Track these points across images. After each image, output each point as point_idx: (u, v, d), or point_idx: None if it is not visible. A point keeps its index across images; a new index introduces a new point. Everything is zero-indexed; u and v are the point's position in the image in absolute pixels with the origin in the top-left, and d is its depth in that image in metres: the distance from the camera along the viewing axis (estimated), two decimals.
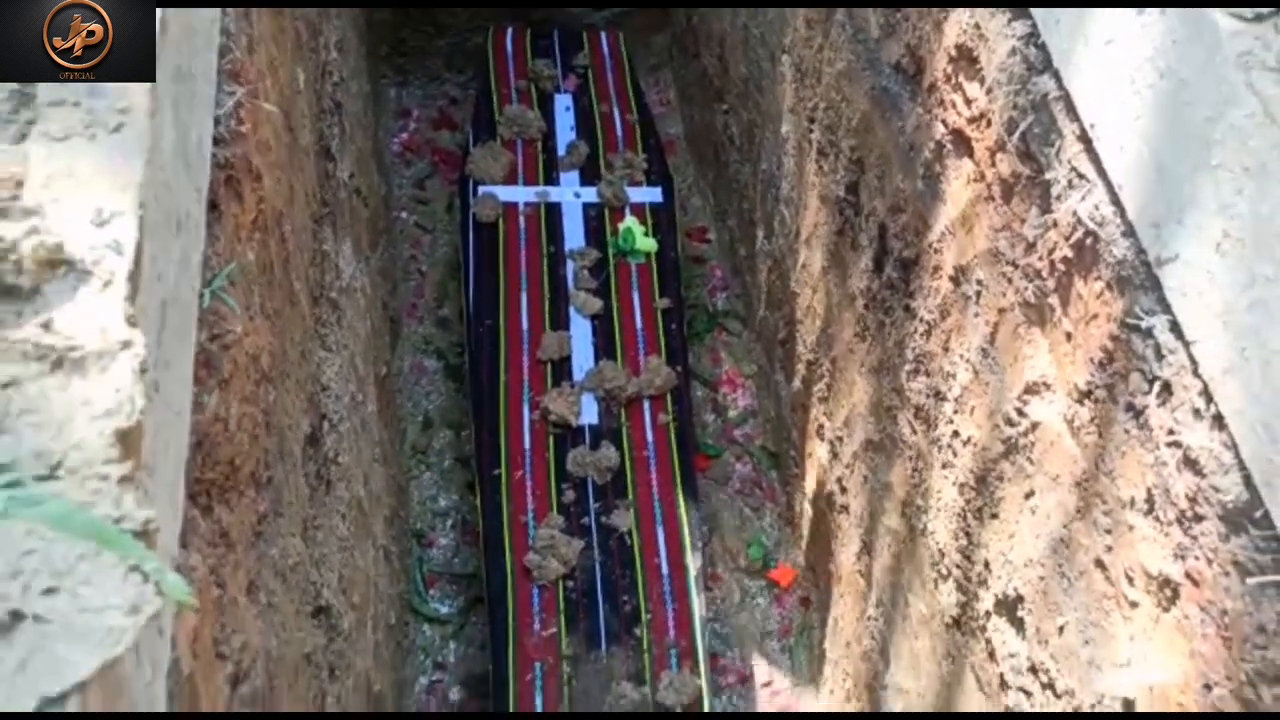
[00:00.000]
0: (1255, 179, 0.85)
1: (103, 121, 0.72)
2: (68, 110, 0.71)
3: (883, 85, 1.71)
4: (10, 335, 0.61)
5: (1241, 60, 0.86)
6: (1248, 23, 0.87)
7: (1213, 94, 0.89)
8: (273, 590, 1.11)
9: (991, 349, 1.42)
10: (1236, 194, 0.87)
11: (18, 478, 0.57)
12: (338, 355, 1.71)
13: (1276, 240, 0.83)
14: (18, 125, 0.71)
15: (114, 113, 0.72)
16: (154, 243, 0.72)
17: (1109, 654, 1.18)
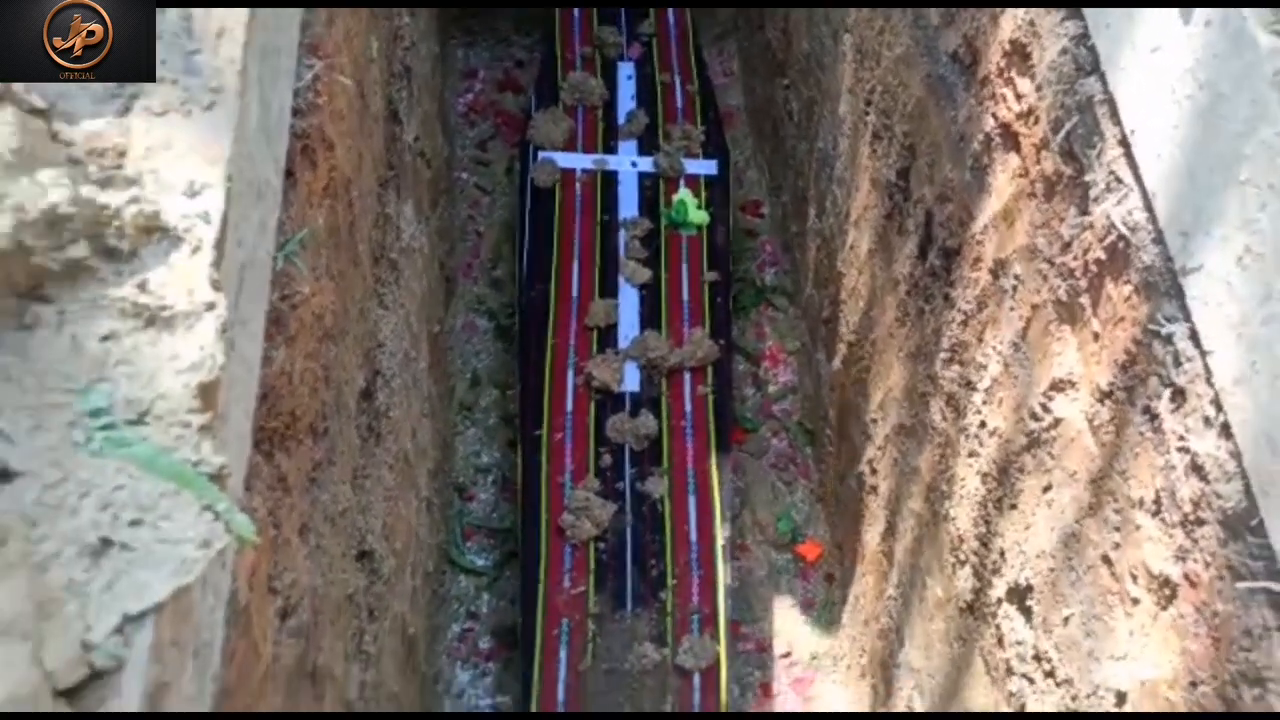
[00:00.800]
0: (1275, 200, 0.88)
1: (197, 99, 0.79)
2: (167, 87, 0.79)
3: (939, 73, 1.73)
4: (111, 293, 0.69)
5: (1277, 79, 0.88)
6: None
7: (1247, 109, 0.92)
8: (322, 533, 1.19)
9: (1023, 343, 1.45)
10: (1260, 210, 0.90)
11: (112, 421, 0.65)
12: (394, 313, 1.79)
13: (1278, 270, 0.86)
14: (123, 99, 0.79)
15: (207, 91, 0.79)
16: (237, 212, 0.79)
17: (1108, 647, 1.22)
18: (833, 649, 2.73)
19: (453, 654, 2.60)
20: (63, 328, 0.67)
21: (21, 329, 0.67)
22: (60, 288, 0.68)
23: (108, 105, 0.78)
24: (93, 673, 0.56)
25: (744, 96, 3.69)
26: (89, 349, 0.67)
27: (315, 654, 1.11)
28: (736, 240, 3.30)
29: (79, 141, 0.76)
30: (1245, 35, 0.91)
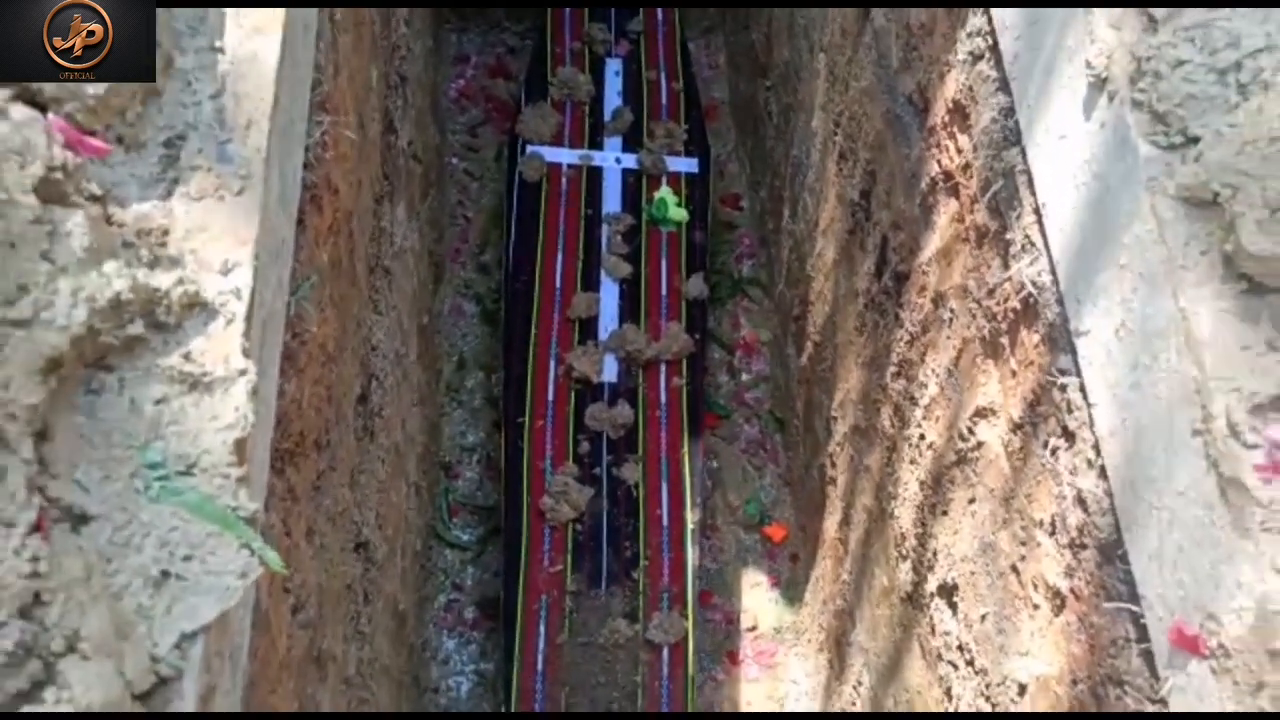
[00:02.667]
0: (1146, 285, 1.03)
1: (229, 185, 0.93)
2: (203, 174, 0.93)
3: (896, 112, 1.87)
4: (161, 362, 0.84)
5: (1150, 184, 1.03)
6: (1161, 150, 1.04)
7: (1127, 205, 1.07)
8: (324, 533, 1.35)
9: (955, 370, 1.61)
10: (1133, 292, 1.06)
11: (166, 473, 0.80)
12: (386, 317, 1.94)
13: (1154, 338, 1.02)
14: (165, 183, 0.93)
15: (238, 178, 0.93)
16: (261, 281, 0.94)
17: (1014, 643, 1.40)
18: (795, 624, 2.92)
19: (439, 623, 2.78)
20: (123, 392, 0.82)
21: (89, 394, 0.82)
22: (120, 358, 0.83)
23: (153, 189, 0.93)
24: (159, 680, 0.72)
25: (729, 90, 3.80)
26: (146, 411, 0.82)
27: (320, 640, 1.27)
28: (715, 233, 3.44)
29: (130, 223, 0.90)
30: (1129, 142, 1.06)
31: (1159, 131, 1.04)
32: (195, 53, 0.97)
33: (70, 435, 0.79)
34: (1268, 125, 0.93)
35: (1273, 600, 0.86)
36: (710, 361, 3.21)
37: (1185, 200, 1.01)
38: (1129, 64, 1.07)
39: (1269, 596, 0.86)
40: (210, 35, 0.99)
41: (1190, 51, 1.02)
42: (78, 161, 0.82)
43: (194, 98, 0.95)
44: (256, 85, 0.97)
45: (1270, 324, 0.94)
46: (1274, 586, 0.86)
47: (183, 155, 0.93)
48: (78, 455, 0.79)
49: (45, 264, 0.76)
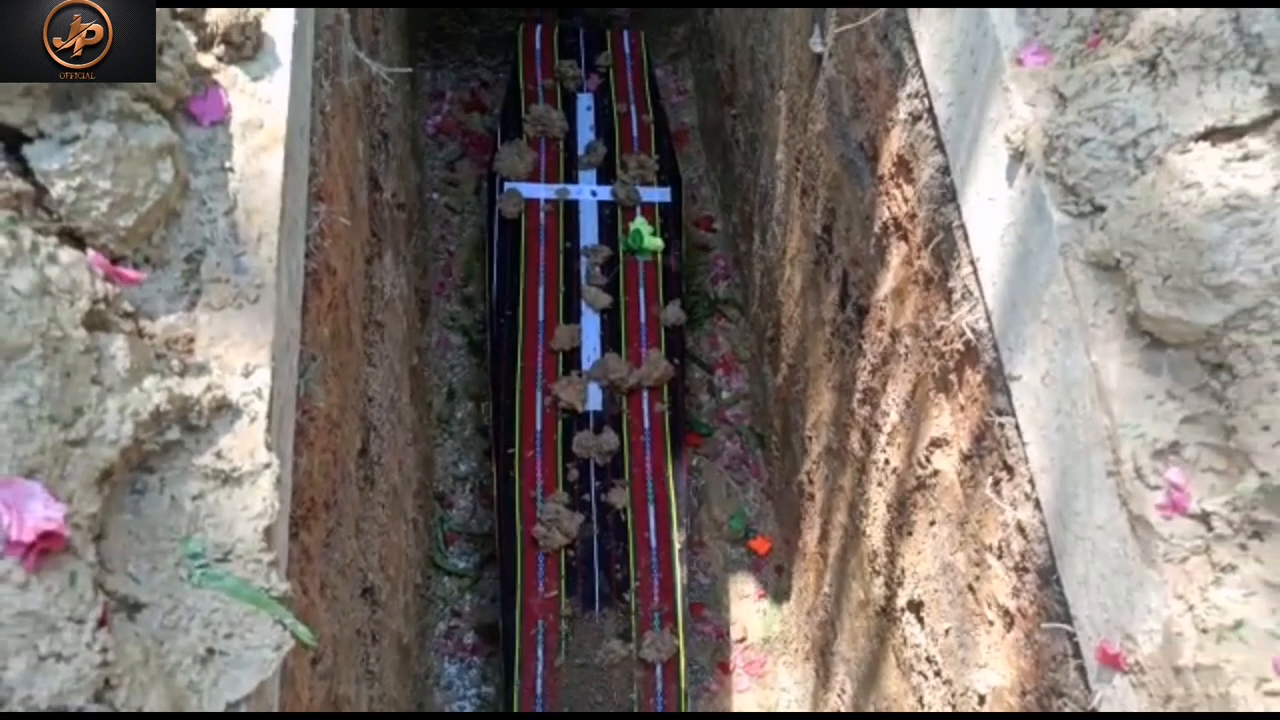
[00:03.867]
0: (1064, 339, 1.16)
1: (246, 294, 1.05)
2: (222, 286, 1.04)
3: (850, 157, 2.00)
4: (196, 461, 0.95)
5: (1064, 249, 1.16)
6: (1072, 218, 1.17)
7: (1045, 267, 1.20)
8: (335, 585, 1.46)
9: (912, 401, 1.74)
10: (1055, 345, 1.19)
11: (206, 561, 0.91)
12: (380, 367, 2.05)
13: (1073, 387, 1.14)
14: (188, 295, 1.04)
15: (253, 287, 1.05)
16: (277, 377, 1.05)
17: (974, 657, 1.52)
18: (783, 634, 3.05)
19: (440, 650, 2.89)
20: (164, 491, 0.94)
21: (134, 494, 0.93)
22: (160, 460, 0.94)
23: (178, 302, 1.04)
24: None
25: (698, 115, 3.93)
26: (185, 506, 0.93)
27: (336, 687, 1.39)
28: (691, 255, 3.57)
29: (159, 334, 1.01)
30: (1045, 210, 1.18)
31: (1070, 201, 1.17)
32: (208, 173, 1.09)
33: (120, 533, 0.90)
34: (1159, 200, 1.06)
35: (1175, 624, 0.99)
36: (691, 381, 3.34)
37: (1094, 264, 1.13)
38: (1042, 139, 1.20)
39: (1172, 620, 0.99)
40: (220, 156, 1.10)
41: (1094, 130, 1.15)
42: (115, 291, 0.93)
43: (209, 215, 1.07)
44: (264, 200, 1.09)
45: (1169, 376, 1.06)
46: (1176, 611, 0.99)
47: (203, 269, 1.05)
48: (128, 550, 0.90)
49: (95, 387, 0.87)
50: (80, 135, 0.93)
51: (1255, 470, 0.97)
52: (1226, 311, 0.99)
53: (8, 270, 0.83)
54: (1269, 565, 0.96)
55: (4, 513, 0.78)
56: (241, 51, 1.14)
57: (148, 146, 0.98)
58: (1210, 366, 1.03)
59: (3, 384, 0.80)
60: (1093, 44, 1.22)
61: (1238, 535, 0.98)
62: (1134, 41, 1.15)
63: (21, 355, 0.82)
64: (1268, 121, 1.05)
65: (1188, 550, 1.00)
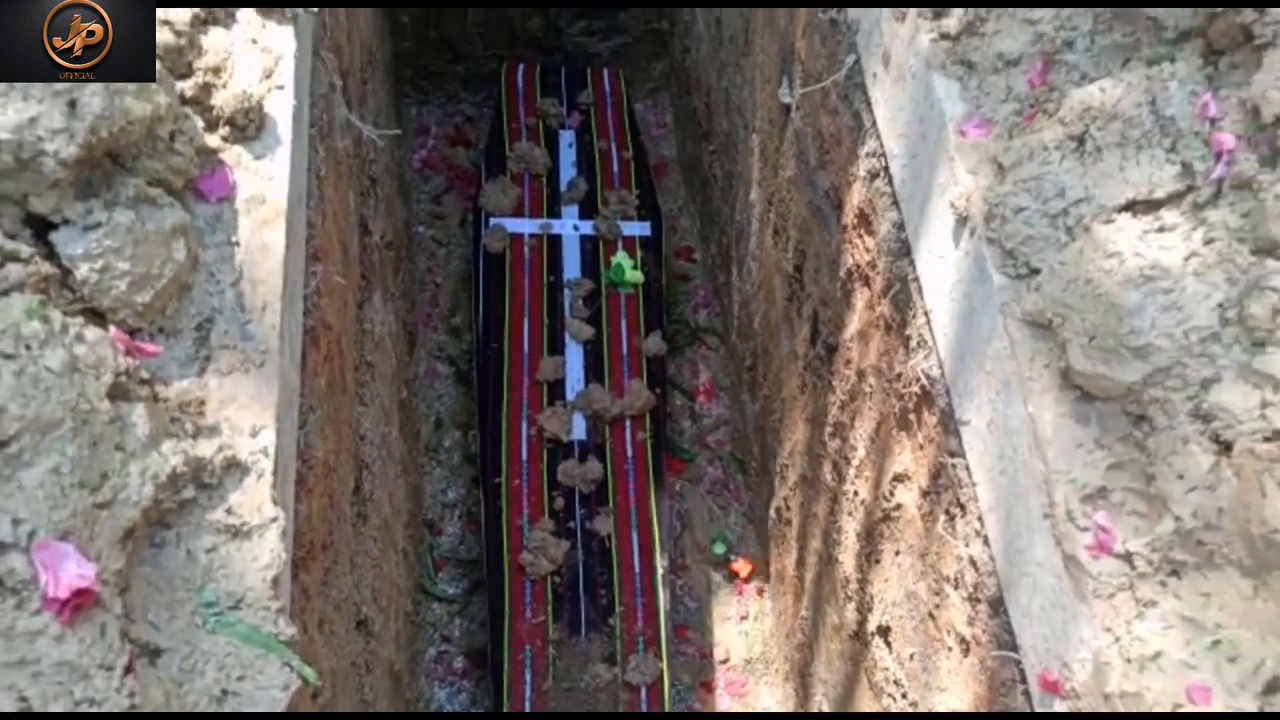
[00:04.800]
0: (1005, 390, 1.27)
1: (252, 359, 1.14)
2: (230, 352, 1.13)
3: (817, 204, 2.10)
4: (208, 517, 1.04)
5: (1003, 308, 1.26)
6: (1011, 279, 1.28)
7: (988, 323, 1.30)
8: (332, 620, 1.55)
9: (877, 438, 1.84)
10: (997, 395, 1.29)
11: (219, 609, 1.00)
12: (371, 406, 2.14)
13: (1014, 435, 1.25)
14: (199, 361, 1.13)
15: (259, 353, 1.14)
16: (281, 434, 1.14)
17: (936, 680, 1.62)
18: (764, 654, 3.14)
19: (431, 675, 2.97)
20: (180, 545, 1.03)
21: (153, 548, 1.02)
22: (176, 517, 1.03)
23: (189, 368, 1.13)
24: None
25: (677, 149, 4.04)
26: (200, 559, 1.02)
27: None
28: (671, 285, 3.68)
29: (173, 399, 1.10)
30: (986, 271, 1.29)
31: (1009, 264, 1.28)
32: (215, 247, 1.18)
33: (142, 585, 0.99)
34: (1086, 267, 1.17)
35: (1103, 654, 1.09)
36: (673, 408, 3.44)
37: (1030, 323, 1.24)
38: (983, 206, 1.30)
39: (1101, 650, 1.09)
40: (227, 230, 1.20)
41: (1028, 200, 1.26)
42: (135, 363, 1.02)
43: (218, 287, 1.16)
44: (268, 271, 1.18)
45: (1098, 427, 1.17)
46: (1104, 642, 1.09)
47: (212, 336, 1.14)
48: (149, 601, 0.99)
49: (119, 453, 0.96)
50: (102, 222, 1.03)
51: (1171, 514, 1.07)
52: (1145, 370, 1.10)
53: (41, 351, 0.92)
54: (1185, 601, 1.06)
55: (42, 572, 0.86)
56: (245, 132, 1.24)
57: (163, 228, 1.07)
58: (1133, 418, 1.14)
59: (39, 455, 0.89)
60: (1029, 118, 1.33)
61: (1158, 573, 1.09)
62: (1064, 118, 1.26)
63: (55, 429, 0.91)
64: (1181, 196, 1.16)
65: (1114, 587, 1.10)
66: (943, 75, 1.40)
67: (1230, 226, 1.11)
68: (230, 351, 1.14)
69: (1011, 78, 1.36)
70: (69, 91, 0.97)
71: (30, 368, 0.90)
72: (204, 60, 1.23)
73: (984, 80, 1.37)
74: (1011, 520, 1.27)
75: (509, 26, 3.85)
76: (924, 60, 1.43)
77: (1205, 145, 1.16)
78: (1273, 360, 1.03)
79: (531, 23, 3.87)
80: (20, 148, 0.95)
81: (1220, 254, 1.09)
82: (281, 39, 1.32)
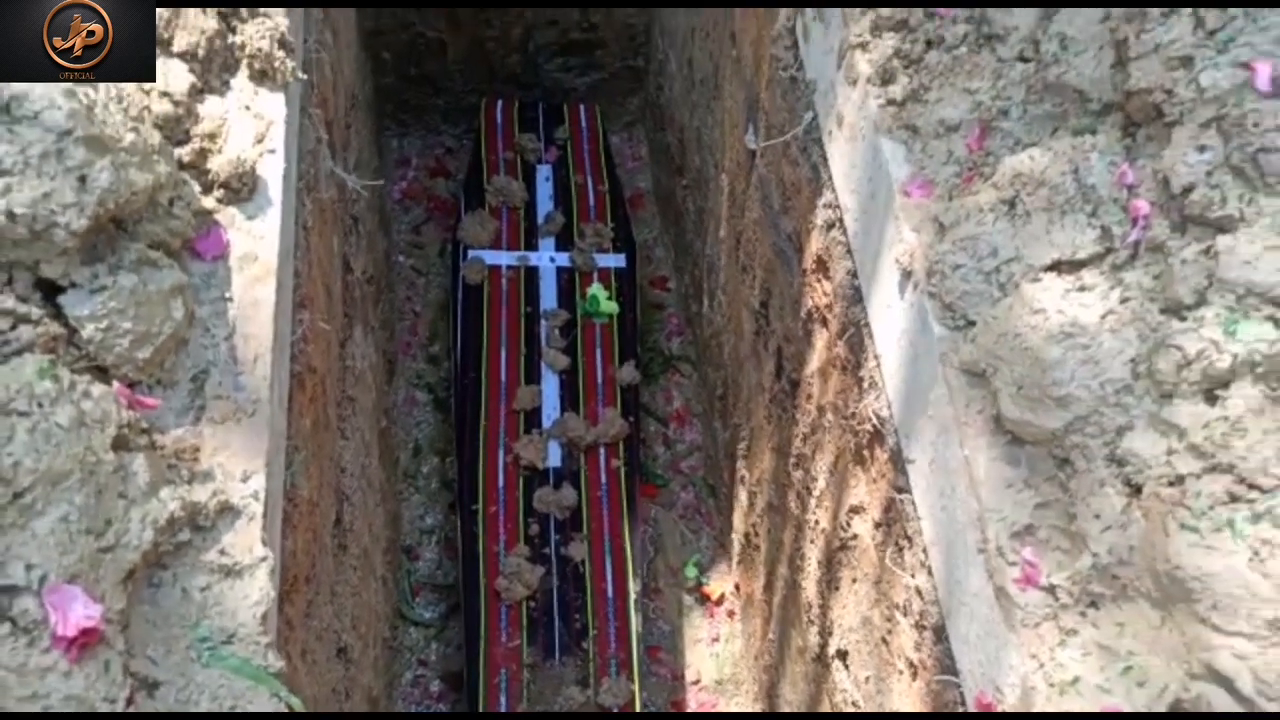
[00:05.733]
0: (945, 433, 1.37)
1: (244, 409, 1.22)
2: (224, 402, 1.21)
3: (780, 246, 2.21)
4: (203, 558, 1.12)
5: (942, 357, 1.37)
6: (949, 330, 1.38)
7: (929, 371, 1.40)
8: (314, 649, 1.63)
9: (835, 470, 1.94)
10: (938, 437, 1.39)
11: (213, 644, 1.08)
12: (353, 440, 2.21)
13: (952, 474, 1.35)
14: (194, 411, 1.21)
15: (251, 403, 1.23)
16: (270, 477, 1.23)
17: (889, 702, 1.71)
18: (734, 676, 3.22)
19: (408, 699, 3.03)
20: (176, 584, 1.11)
21: (151, 587, 1.10)
22: (173, 558, 1.11)
23: (185, 417, 1.21)
24: None
25: (652, 181, 4.16)
26: (194, 597, 1.10)
27: None
28: (646, 314, 3.78)
29: (169, 446, 1.18)
30: (928, 323, 1.39)
31: (948, 316, 1.38)
32: (210, 303, 1.27)
33: (140, 622, 1.07)
34: (1014, 322, 1.27)
35: (1030, 679, 1.18)
36: (647, 434, 3.53)
37: (966, 371, 1.34)
38: (925, 262, 1.41)
39: (1027, 676, 1.19)
40: (221, 287, 1.28)
41: (965, 258, 1.36)
42: (135, 415, 1.11)
43: (212, 340, 1.24)
44: (260, 325, 1.27)
45: (1026, 468, 1.27)
46: (1030, 668, 1.19)
47: (207, 387, 1.22)
48: (147, 637, 1.07)
49: (121, 500, 1.05)
50: (108, 285, 1.11)
51: (1089, 551, 1.17)
52: (1066, 418, 1.20)
53: (52, 409, 1.00)
54: (1102, 630, 1.16)
55: (52, 613, 0.94)
56: (239, 194, 1.32)
57: (162, 289, 1.16)
58: (1057, 461, 1.24)
59: (50, 505, 0.97)
60: (967, 180, 1.44)
61: (1078, 605, 1.19)
62: (998, 183, 1.37)
63: (64, 480, 0.99)
64: (1100, 258, 1.27)
65: (1040, 617, 1.20)
66: (889, 139, 1.51)
67: (1143, 287, 1.22)
68: (223, 401, 1.22)
69: (952, 142, 1.47)
70: (80, 168, 1.05)
71: (42, 424, 0.98)
72: (200, 127, 1.32)
73: (927, 144, 1.48)
74: (951, 554, 1.37)
75: (488, 63, 3.96)
76: (872, 124, 1.54)
77: (1123, 211, 1.27)
78: (1178, 411, 1.13)
79: (510, 59, 3.97)
80: (34, 220, 1.03)
81: (1134, 312, 1.20)
82: (273, 105, 1.41)
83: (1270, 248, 1.12)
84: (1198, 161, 1.19)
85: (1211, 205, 1.17)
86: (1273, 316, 1.10)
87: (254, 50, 1.39)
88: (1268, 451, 1.05)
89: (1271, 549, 1.01)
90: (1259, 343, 1.08)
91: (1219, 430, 1.09)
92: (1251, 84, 1.17)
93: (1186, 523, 1.06)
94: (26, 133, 1.04)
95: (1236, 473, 1.06)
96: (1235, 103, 1.18)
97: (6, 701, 0.89)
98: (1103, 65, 1.34)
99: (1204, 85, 1.19)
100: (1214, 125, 1.19)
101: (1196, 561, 1.04)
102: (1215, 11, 1.20)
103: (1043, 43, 1.41)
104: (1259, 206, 1.16)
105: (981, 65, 1.45)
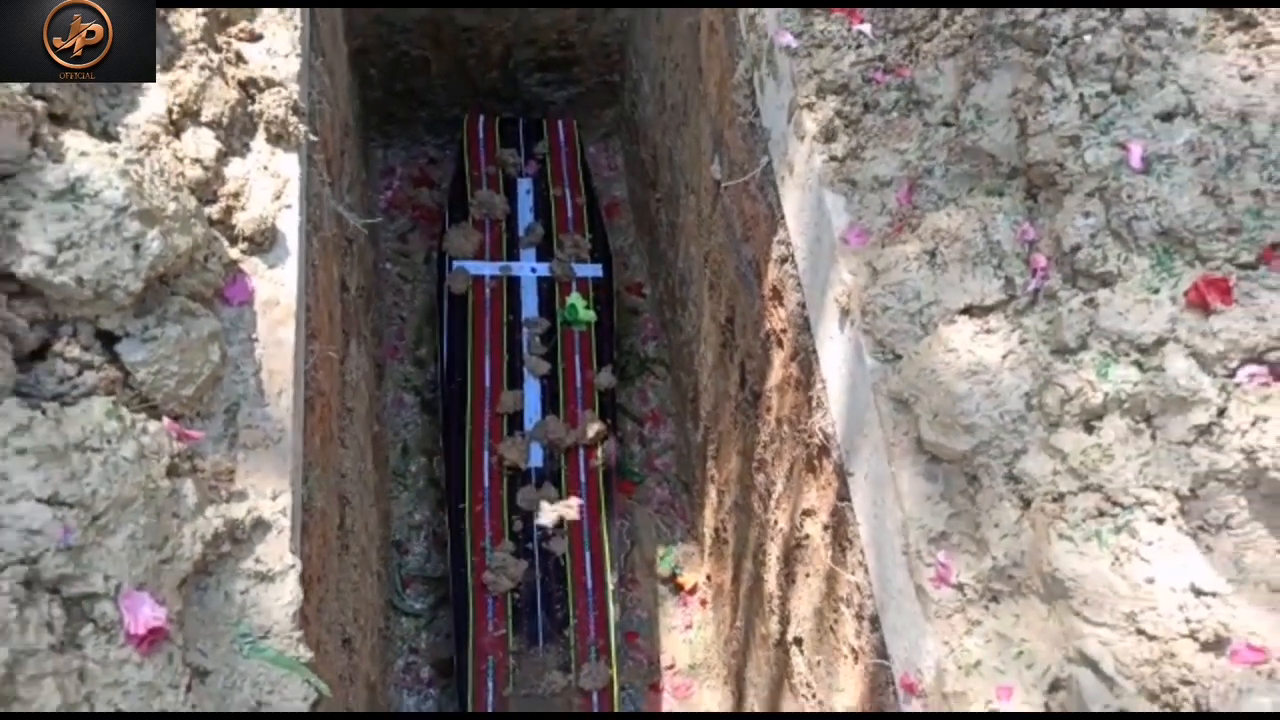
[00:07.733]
0: (877, 452, 1.58)
1: (272, 436, 1.42)
2: (253, 430, 1.41)
3: (743, 270, 2.42)
4: (242, 566, 1.32)
5: (874, 387, 1.58)
6: (880, 363, 1.59)
7: (863, 397, 1.62)
8: (325, 641, 1.83)
9: (791, 477, 2.16)
10: (872, 454, 1.61)
11: (253, 639, 1.28)
12: (351, 448, 2.41)
13: (882, 487, 1.57)
14: (228, 439, 1.41)
15: (277, 431, 1.42)
16: (293, 495, 1.43)
17: (836, 683, 1.94)
18: (705, 661, 3.45)
19: (400, 684, 3.24)
20: (220, 588, 1.31)
21: (199, 591, 1.30)
22: (217, 566, 1.31)
23: (220, 444, 1.41)
24: None
25: (627, 191, 4.35)
26: (236, 599, 1.30)
27: None
28: (622, 319, 3.98)
29: (208, 469, 1.38)
30: (862, 356, 1.61)
31: (879, 350, 1.59)
32: (239, 344, 1.46)
33: (192, 620, 1.27)
34: (932, 358, 1.49)
35: (942, 662, 1.40)
36: (624, 434, 3.74)
37: (894, 399, 1.56)
38: (860, 303, 1.62)
39: (940, 660, 1.41)
40: (248, 329, 1.47)
41: (893, 300, 1.58)
42: (183, 446, 1.30)
43: (242, 377, 1.44)
44: (283, 363, 1.47)
45: (943, 483, 1.49)
46: (943, 654, 1.41)
47: (239, 418, 1.42)
48: (198, 633, 1.27)
49: (175, 519, 1.24)
50: (157, 335, 1.30)
51: (990, 554, 1.39)
52: (973, 442, 1.42)
53: (118, 444, 1.19)
54: (1000, 621, 1.39)
55: (125, 615, 1.14)
56: (261, 247, 1.52)
57: (202, 335, 1.35)
58: (967, 478, 1.46)
59: (120, 525, 1.17)
60: (896, 230, 1.65)
61: (982, 600, 1.41)
62: (922, 235, 1.58)
63: (130, 504, 1.18)
64: (1005, 304, 1.49)
65: (951, 610, 1.42)
66: (831, 191, 1.72)
67: (1038, 331, 1.44)
68: (253, 430, 1.42)
69: (885, 196, 1.68)
70: (135, 238, 1.24)
71: (112, 458, 1.18)
72: (226, 188, 1.51)
73: (864, 197, 1.69)
74: (882, 555, 1.59)
75: (470, 79, 4.13)
76: (817, 176, 1.75)
77: (1024, 264, 1.49)
78: (1062, 438, 1.35)
79: (491, 75, 4.15)
80: (99, 284, 1.23)
81: (1029, 353, 1.42)
82: (288, 164, 1.60)
83: (1139, 301, 1.34)
84: (1084, 225, 1.41)
85: (1095, 263, 1.39)
86: (1138, 361, 1.32)
87: (270, 117, 1.58)
88: (1129, 474, 1.27)
89: (1129, 555, 1.24)
90: (1124, 384, 1.30)
91: (1093, 455, 1.31)
92: (1127, 161, 1.39)
93: (1064, 533, 1.28)
94: (90, 210, 1.23)
95: (1104, 491, 1.28)
96: (1114, 176, 1.39)
97: (94, 687, 1.09)
98: (1011, 134, 1.55)
99: (1089, 161, 1.41)
100: (1097, 195, 1.41)
101: (1071, 565, 1.27)
102: (1098, 99, 1.41)
103: (962, 111, 1.62)
104: (1133, 264, 1.38)
105: (910, 129, 1.66)
